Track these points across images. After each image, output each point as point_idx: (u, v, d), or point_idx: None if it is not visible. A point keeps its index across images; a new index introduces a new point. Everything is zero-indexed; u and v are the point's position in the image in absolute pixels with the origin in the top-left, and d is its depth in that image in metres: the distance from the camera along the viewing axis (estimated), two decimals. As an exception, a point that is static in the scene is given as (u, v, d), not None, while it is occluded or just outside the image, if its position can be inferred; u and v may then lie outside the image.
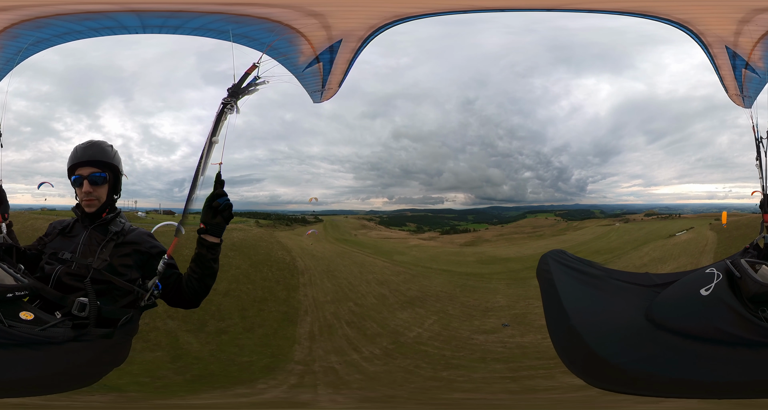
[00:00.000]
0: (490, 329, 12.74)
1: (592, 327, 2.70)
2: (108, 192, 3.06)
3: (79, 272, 2.82)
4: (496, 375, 9.65)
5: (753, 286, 2.51)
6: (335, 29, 3.78)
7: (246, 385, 9.01)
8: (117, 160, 3.08)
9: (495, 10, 3.97)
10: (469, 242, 21.58)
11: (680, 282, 2.88)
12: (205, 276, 2.95)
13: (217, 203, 2.84)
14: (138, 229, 3.13)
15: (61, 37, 4.11)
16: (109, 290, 2.83)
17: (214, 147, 2.83)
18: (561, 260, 3.24)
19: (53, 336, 2.48)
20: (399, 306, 14.29)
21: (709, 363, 2.46)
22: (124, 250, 2.97)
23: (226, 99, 2.82)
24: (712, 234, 17.79)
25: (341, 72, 3.98)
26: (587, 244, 21.37)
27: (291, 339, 11.59)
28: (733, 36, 3.64)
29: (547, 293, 3.06)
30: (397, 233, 22.47)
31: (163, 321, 10.79)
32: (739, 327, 2.45)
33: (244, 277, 14.18)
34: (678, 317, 2.61)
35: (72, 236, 3.00)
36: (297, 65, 3.88)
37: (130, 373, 8.71)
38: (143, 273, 3.01)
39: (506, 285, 16.05)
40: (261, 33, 3.69)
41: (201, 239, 2.91)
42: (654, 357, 2.51)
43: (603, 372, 2.57)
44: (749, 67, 3.73)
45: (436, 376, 9.72)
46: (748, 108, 3.77)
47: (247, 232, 18.46)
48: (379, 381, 9.55)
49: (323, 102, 4.19)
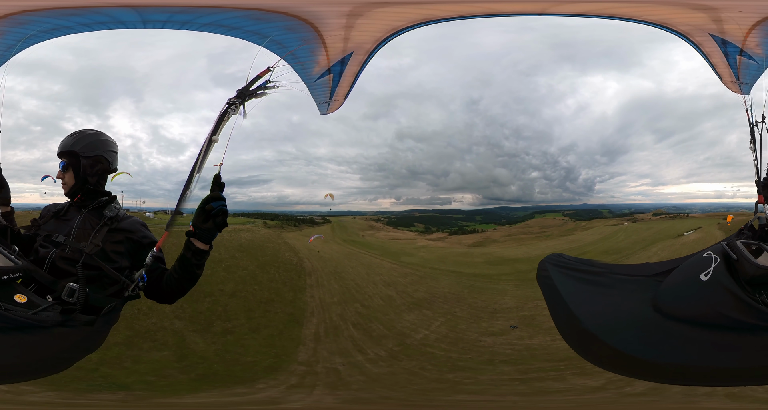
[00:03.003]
0: (498, 331, 12.52)
1: (605, 325, 2.66)
2: (74, 176, 3.08)
3: (72, 257, 2.81)
4: (505, 376, 9.48)
5: (750, 268, 2.49)
6: (351, 42, 3.81)
7: (246, 385, 8.98)
8: (78, 145, 3.10)
9: (491, 15, 3.97)
10: (477, 243, 21.33)
11: (680, 269, 2.86)
12: (185, 280, 2.89)
13: (211, 206, 2.72)
14: (132, 217, 3.11)
15: (49, 33, 3.95)
16: (99, 277, 2.82)
17: (213, 146, 2.78)
18: (559, 263, 3.19)
19: (43, 320, 2.47)
20: (406, 308, 14.12)
21: (716, 349, 2.46)
22: (116, 236, 2.95)
23: (232, 99, 2.79)
24: (720, 234, 17.54)
25: (348, 85, 3.99)
26: (595, 244, 21.04)
27: (296, 340, 11.50)
28: (712, 23, 3.58)
29: (551, 299, 3.01)
30: (405, 233, 22.30)
31: (171, 321, 10.80)
32: (739, 311, 2.45)
33: (251, 278, 14.12)
34: (683, 305, 2.61)
35: (66, 219, 3.00)
36: (310, 75, 3.88)
37: (137, 372, 8.80)
38: (132, 262, 2.98)
39: (514, 287, 15.77)
40: (293, 42, 3.71)
41: (188, 242, 2.84)
42: (674, 348, 2.51)
43: (637, 368, 2.53)
44: (745, 54, 3.66)
45: (441, 378, 9.58)
46: (746, 94, 3.74)
47: (254, 233, 18.31)
48: (381, 383, 9.42)
49: (328, 113, 4.21)
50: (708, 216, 20.44)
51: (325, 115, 4.06)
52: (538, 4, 4.01)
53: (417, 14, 3.82)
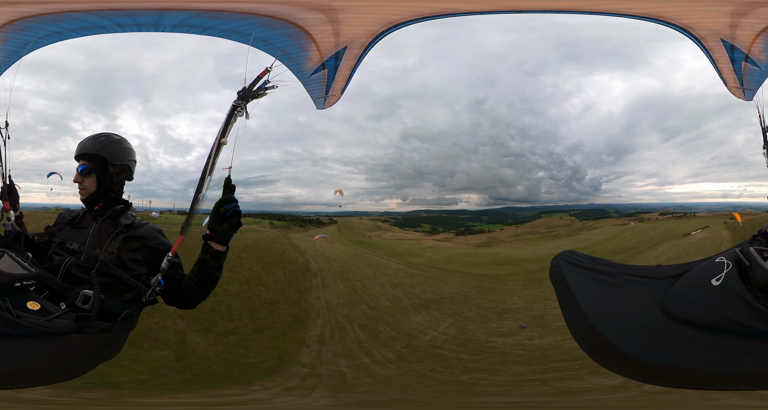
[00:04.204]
0: (507, 331, 12.33)
1: (612, 324, 2.66)
2: (97, 183, 3.02)
3: (87, 264, 2.79)
4: (521, 377, 9.26)
5: (762, 275, 2.47)
6: (342, 36, 3.80)
7: (241, 386, 8.83)
8: (106, 151, 3.01)
9: (491, 12, 3.98)
10: (484, 243, 21.07)
11: (692, 273, 2.84)
12: (205, 283, 2.88)
13: (225, 209, 2.74)
14: (148, 224, 3.08)
15: (76, 32, 3.93)
16: (115, 284, 2.80)
17: (222, 148, 2.79)
18: (572, 260, 3.18)
19: (57, 327, 2.47)
20: (413, 309, 13.92)
21: (723, 354, 2.44)
22: (133, 244, 2.93)
23: (237, 102, 2.80)
24: (727, 233, 17.70)
25: (344, 79, 3.98)
26: (602, 244, 20.75)
27: (300, 341, 11.31)
28: (728, 29, 3.58)
29: (562, 295, 3.00)
30: (411, 234, 22.11)
31: (173, 321, 10.72)
32: (750, 317, 2.42)
33: (256, 279, 13.96)
34: (692, 309, 2.60)
35: (81, 227, 2.97)
36: (304, 71, 3.89)
37: (134, 371, 8.73)
38: (150, 270, 2.96)
39: (522, 287, 15.55)
40: (278, 37, 3.69)
41: (206, 245, 2.83)
42: (674, 350, 2.50)
43: (636, 369, 2.53)
44: (749, 60, 3.66)
45: (454, 380, 9.32)
46: (749, 100, 3.76)
47: (260, 233, 18.25)
48: (390, 385, 9.22)
49: (328, 108, 4.21)
50: (715, 216, 20.17)
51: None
52: (549, 2, 4.01)
53: (413, 8, 3.81)
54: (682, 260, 15.52)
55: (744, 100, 3.81)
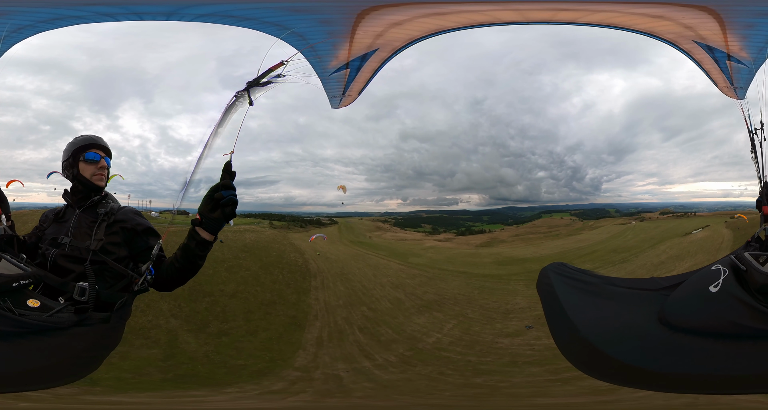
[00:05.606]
0: (513, 332, 11.95)
1: (605, 336, 2.63)
2: None
3: (72, 254, 2.78)
4: (540, 378, 8.87)
5: (759, 277, 2.50)
6: (381, 38, 3.69)
7: (213, 388, 8.52)
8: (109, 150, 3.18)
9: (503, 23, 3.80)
10: (485, 243, 20.73)
11: (688, 282, 2.86)
12: (186, 270, 2.78)
13: (220, 195, 2.55)
14: (124, 207, 3.04)
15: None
16: (101, 270, 2.77)
17: (218, 136, 2.72)
18: (562, 272, 3.16)
19: (59, 322, 2.49)
20: (416, 310, 13.54)
21: (733, 358, 2.42)
22: (112, 228, 2.91)
23: (240, 92, 2.72)
24: (727, 232, 17.73)
25: (364, 80, 3.90)
26: (603, 243, 20.57)
27: (296, 344, 10.89)
28: (687, 30, 3.53)
29: (550, 307, 2.97)
30: (412, 234, 21.84)
31: (166, 319, 10.50)
32: (752, 319, 2.41)
33: (254, 279, 13.54)
34: (693, 316, 2.59)
35: (64, 221, 2.98)
36: (326, 68, 3.75)
37: (119, 368, 8.60)
38: (130, 251, 2.89)
39: (525, 286, 15.20)
40: (315, 32, 3.54)
41: (192, 231, 2.68)
42: (682, 358, 2.49)
43: (641, 378, 2.50)
44: (733, 59, 3.62)
45: (468, 383, 8.89)
46: (741, 99, 3.72)
47: (260, 233, 17.82)
48: (396, 390, 8.74)
49: (340, 108, 4.08)
50: (715, 215, 20.14)
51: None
52: (526, 13, 3.81)
53: (466, 19, 3.70)
54: (684, 259, 15.13)
55: (737, 99, 3.77)
